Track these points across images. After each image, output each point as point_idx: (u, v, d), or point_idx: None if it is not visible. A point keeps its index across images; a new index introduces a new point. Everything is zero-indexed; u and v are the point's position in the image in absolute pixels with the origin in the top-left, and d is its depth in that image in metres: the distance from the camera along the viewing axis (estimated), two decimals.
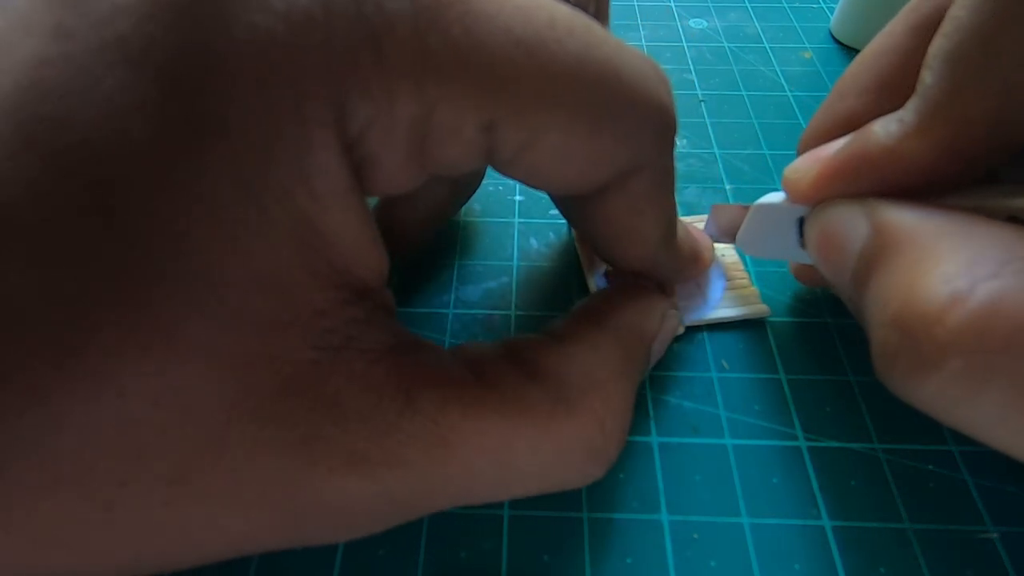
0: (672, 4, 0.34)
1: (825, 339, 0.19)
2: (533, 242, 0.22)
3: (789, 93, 0.28)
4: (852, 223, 0.13)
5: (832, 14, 0.32)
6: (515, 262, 0.21)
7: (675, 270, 0.17)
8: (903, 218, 0.12)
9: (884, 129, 0.13)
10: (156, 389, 0.09)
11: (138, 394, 0.09)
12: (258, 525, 0.10)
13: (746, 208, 0.17)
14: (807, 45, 0.31)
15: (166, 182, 0.09)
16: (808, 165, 0.15)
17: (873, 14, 0.29)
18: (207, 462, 0.09)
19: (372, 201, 0.22)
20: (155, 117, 0.09)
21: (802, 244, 0.16)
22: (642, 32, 0.32)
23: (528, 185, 0.13)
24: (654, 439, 0.17)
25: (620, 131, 0.12)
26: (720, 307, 0.19)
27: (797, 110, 0.27)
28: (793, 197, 0.15)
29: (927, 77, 0.12)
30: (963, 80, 0.12)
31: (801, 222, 0.16)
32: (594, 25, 0.12)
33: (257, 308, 0.10)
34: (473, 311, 0.20)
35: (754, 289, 0.20)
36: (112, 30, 0.08)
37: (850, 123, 0.15)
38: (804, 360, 0.18)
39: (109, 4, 0.09)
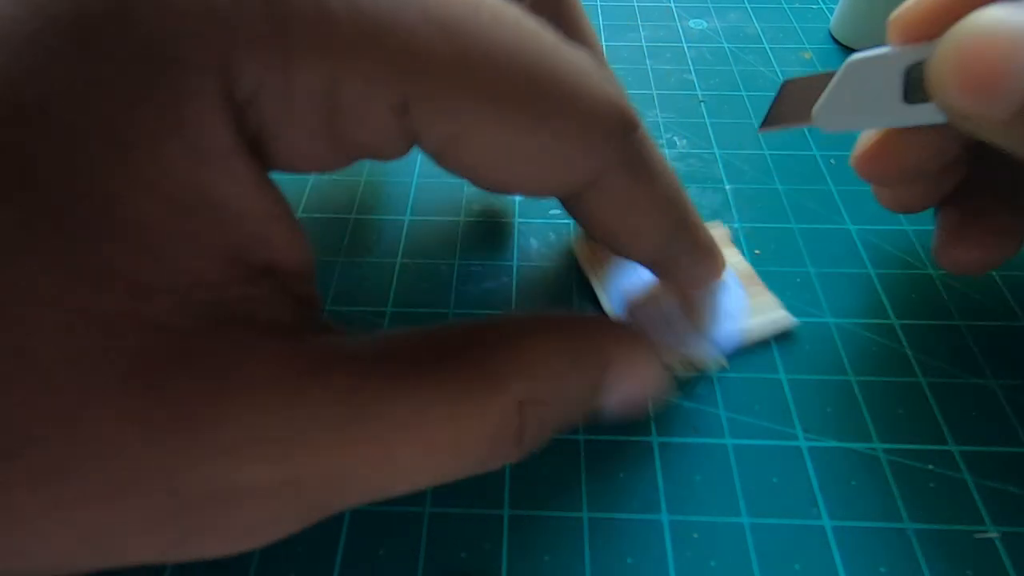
0: (672, 4, 0.34)
1: (825, 339, 0.19)
2: (533, 242, 0.22)
3: None
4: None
5: (832, 14, 0.32)
6: (515, 262, 0.21)
7: (694, 262, 0.16)
8: None
9: None
10: None
11: None
12: (126, 519, 0.09)
13: (825, 75, 0.15)
14: (807, 46, 0.31)
15: (13, 108, 0.08)
16: None
17: (873, 14, 0.29)
18: (53, 431, 0.08)
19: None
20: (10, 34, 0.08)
21: (909, 99, 0.14)
22: (642, 32, 0.32)
23: (478, 186, 0.12)
24: (654, 439, 0.17)
25: (564, 128, 0.11)
26: (749, 327, 0.19)
27: None
28: (908, 31, 0.13)
29: None
30: None
31: (908, 73, 0.14)
32: (528, 18, 0.11)
33: (118, 262, 0.09)
34: (473, 311, 0.20)
35: (773, 296, 0.19)
36: None
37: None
38: (804, 360, 0.18)
39: None
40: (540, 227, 0.22)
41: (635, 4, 0.34)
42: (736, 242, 0.21)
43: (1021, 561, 0.14)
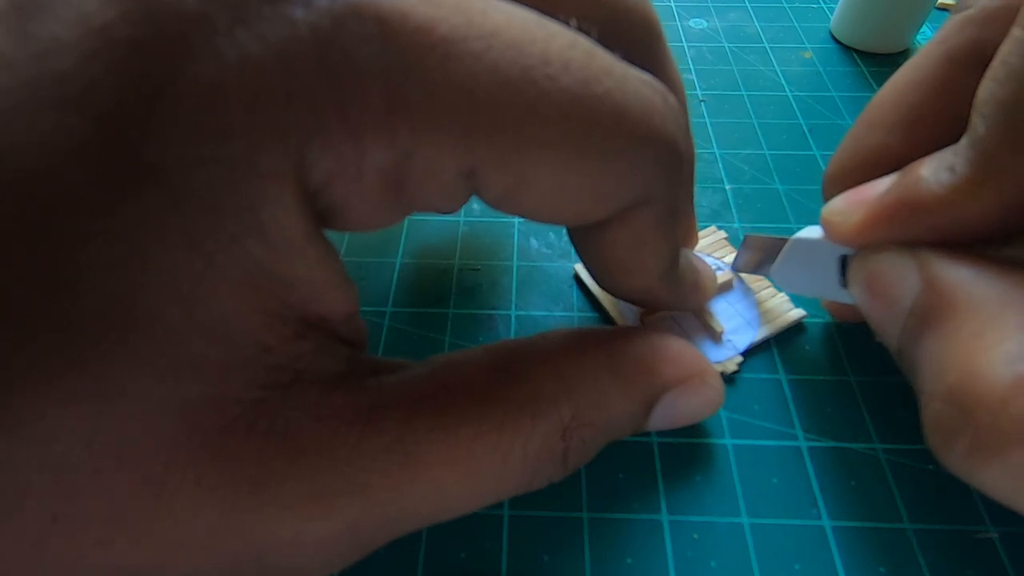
0: (672, 4, 0.34)
1: (825, 339, 0.19)
2: (533, 242, 0.22)
3: (789, 93, 0.28)
4: (903, 274, 0.13)
5: (832, 14, 0.32)
6: (515, 262, 0.21)
7: (675, 301, 0.16)
8: (957, 276, 0.12)
9: (934, 177, 0.12)
10: (87, 435, 0.09)
11: (68, 440, 0.09)
12: (201, 568, 0.10)
13: (779, 239, 0.17)
14: (807, 45, 0.31)
15: (100, 231, 0.08)
16: (851, 206, 0.14)
17: (873, 14, 0.29)
18: (145, 505, 0.09)
19: None
20: (91, 162, 0.08)
21: (843, 283, 0.15)
22: None
23: (523, 218, 0.12)
24: (654, 439, 0.17)
25: (620, 169, 0.11)
26: (761, 325, 0.19)
27: (797, 110, 0.27)
28: (835, 239, 0.15)
29: (980, 126, 0.12)
30: (1021, 133, 0.11)
31: (843, 260, 0.15)
32: (595, 53, 0.11)
33: (200, 354, 0.09)
34: (473, 311, 0.20)
35: (782, 295, 0.19)
36: (52, 65, 0.08)
37: (880, 159, 0.15)
38: (804, 360, 0.18)
39: (50, 36, 0.08)
40: (540, 227, 0.22)
41: None
42: (735, 243, 0.21)
43: (1021, 561, 0.14)
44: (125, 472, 0.09)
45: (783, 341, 0.19)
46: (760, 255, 0.18)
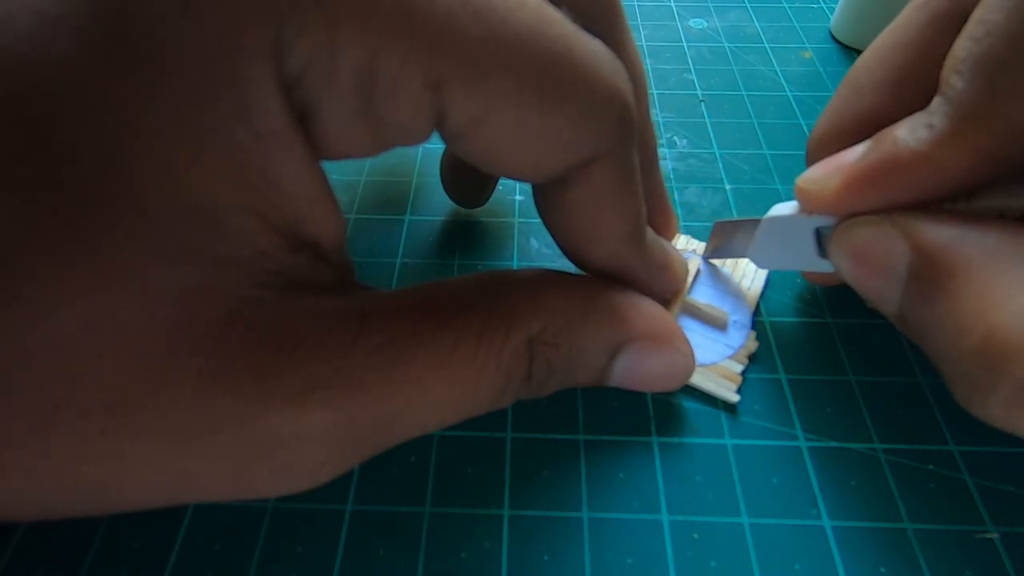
0: (672, 4, 0.34)
1: (825, 339, 0.19)
2: (533, 242, 0.22)
3: (789, 93, 0.28)
4: (889, 243, 0.13)
5: (832, 14, 0.32)
6: (515, 262, 0.21)
7: (646, 275, 0.16)
8: (944, 238, 0.12)
9: (912, 135, 0.13)
10: (86, 312, 0.09)
11: (67, 316, 0.09)
12: (205, 463, 0.10)
13: (749, 221, 0.17)
14: (807, 45, 0.31)
15: (93, 105, 0.09)
16: (827, 173, 0.14)
17: (873, 14, 0.29)
18: (147, 391, 0.09)
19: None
20: (83, 35, 0.09)
21: (820, 254, 0.16)
22: (642, 32, 0.32)
23: (485, 169, 0.13)
24: (654, 439, 0.17)
25: (576, 111, 0.12)
26: (745, 301, 0.19)
27: (797, 110, 0.27)
28: (812, 208, 0.15)
29: (957, 82, 0.12)
30: (1000, 86, 0.11)
31: (818, 232, 0.15)
32: (547, 5, 0.11)
33: (195, 241, 0.10)
34: None
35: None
36: None
37: (868, 121, 0.15)
38: (804, 360, 0.18)
39: None
40: (540, 227, 0.22)
41: (635, 3, 0.34)
42: None
43: (1021, 561, 0.14)
44: (125, 357, 0.09)
45: (783, 341, 0.19)
46: (731, 240, 0.18)
